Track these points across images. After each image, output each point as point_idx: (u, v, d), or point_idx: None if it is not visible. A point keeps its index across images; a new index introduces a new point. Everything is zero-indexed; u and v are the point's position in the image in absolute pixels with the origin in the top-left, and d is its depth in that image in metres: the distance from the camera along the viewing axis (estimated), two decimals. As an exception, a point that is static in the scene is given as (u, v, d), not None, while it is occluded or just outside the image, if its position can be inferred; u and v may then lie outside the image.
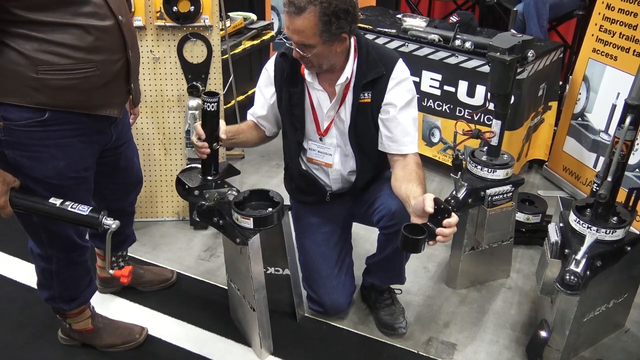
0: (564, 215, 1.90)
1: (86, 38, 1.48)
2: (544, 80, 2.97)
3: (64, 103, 1.51)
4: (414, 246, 1.49)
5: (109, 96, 1.60)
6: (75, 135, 1.57)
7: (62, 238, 1.70)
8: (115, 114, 1.65)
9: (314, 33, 1.65)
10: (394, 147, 1.86)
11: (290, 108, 1.90)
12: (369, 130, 1.88)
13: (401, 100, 1.84)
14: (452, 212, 1.49)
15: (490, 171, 2.07)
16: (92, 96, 1.54)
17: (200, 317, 2.16)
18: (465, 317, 2.20)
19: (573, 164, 3.03)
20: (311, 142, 1.97)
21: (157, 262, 2.47)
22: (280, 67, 1.89)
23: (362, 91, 1.83)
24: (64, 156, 1.57)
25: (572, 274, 1.66)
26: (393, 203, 1.83)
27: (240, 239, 1.77)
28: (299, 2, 1.62)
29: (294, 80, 1.88)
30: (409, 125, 1.86)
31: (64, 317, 1.90)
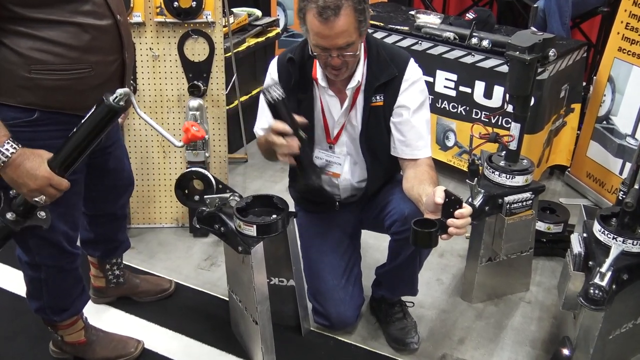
0: (588, 224, 1.89)
1: (82, 37, 1.49)
2: (566, 81, 2.96)
3: (54, 104, 1.52)
4: (424, 240, 1.48)
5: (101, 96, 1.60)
6: (65, 137, 1.57)
7: (51, 244, 1.70)
8: None
9: (354, 27, 1.65)
10: (408, 152, 1.86)
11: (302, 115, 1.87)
12: (381, 134, 1.89)
13: (414, 102, 1.84)
14: (463, 202, 1.49)
15: (508, 177, 2.07)
16: (85, 97, 1.55)
17: (200, 330, 2.16)
18: (481, 333, 2.19)
19: (597, 170, 3.01)
20: (319, 151, 1.96)
21: (154, 271, 2.47)
22: (287, 73, 1.88)
23: (374, 94, 1.83)
24: None
25: (597, 287, 1.65)
26: (405, 206, 1.83)
27: (242, 248, 1.77)
28: (333, 1, 1.59)
29: (303, 85, 1.87)
30: (423, 128, 1.86)
31: (55, 328, 1.90)
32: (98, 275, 2.19)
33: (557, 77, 2.83)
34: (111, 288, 2.23)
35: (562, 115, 3.11)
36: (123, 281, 2.24)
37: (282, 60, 1.90)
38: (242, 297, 1.95)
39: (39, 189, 1.45)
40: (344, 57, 1.69)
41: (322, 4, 1.59)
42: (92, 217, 2.00)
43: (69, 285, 1.83)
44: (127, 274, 2.26)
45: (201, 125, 2.55)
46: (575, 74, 3.03)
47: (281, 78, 1.89)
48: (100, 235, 2.06)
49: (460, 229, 1.49)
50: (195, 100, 2.56)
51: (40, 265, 1.73)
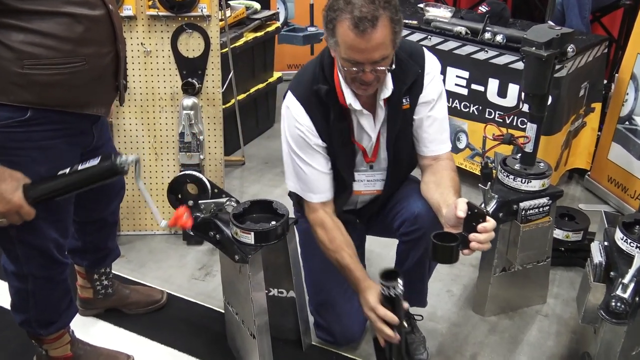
0: (609, 232, 1.88)
1: (76, 28, 1.50)
2: (586, 78, 2.96)
3: (50, 101, 1.53)
4: (445, 254, 1.49)
5: (97, 93, 1.63)
6: (59, 137, 1.59)
7: (41, 253, 1.70)
8: (102, 113, 1.68)
9: (390, 39, 1.61)
10: (432, 148, 1.88)
11: (343, 147, 1.84)
12: (408, 138, 1.89)
13: (435, 94, 1.85)
14: (487, 215, 1.49)
15: (524, 182, 2.06)
16: (80, 93, 1.57)
17: (193, 344, 2.15)
18: (495, 348, 2.18)
19: (619, 174, 3.00)
20: (358, 174, 1.94)
21: (144, 281, 2.47)
22: (319, 109, 1.79)
23: (403, 98, 1.82)
24: (46, 160, 1.58)
25: (619, 300, 1.64)
26: (416, 205, 1.83)
27: (239, 256, 1.77)
28: (369, 12, 1.54)
29: (339, 115, 1.80)
30: (444, 120, 1.89)
31: (40, 342, 1.90)
32: (85, 286, 2.19)
33: (576, 75, 2.83)
34: (99, 299, 2.23)
35: (581, 115, 3.10)
36: (112, 292, 2.24)
37: (308, 96, 1.79)
38: (239, 309, 1.95)
39: (4, 212, 1.49)
40: (376, 72, 1.66)
41: (358, 14, 1.54)
42: (81, 224, 2.00)
43: (57, 297, 1.83)
44: (116, 285, 2.26)
45: (196, 126, 2.56)
46: (595, 71, 3.03)
47: (314, 118, 1.79)
48: (89, 243, 2.06)
49: (483, 244, 1.49)
50: (190, 99, 2.56)
51: (27, 275, 1.73)
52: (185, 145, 2.58)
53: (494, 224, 1.50)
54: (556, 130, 2.83)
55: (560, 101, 2.74)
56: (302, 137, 1.81)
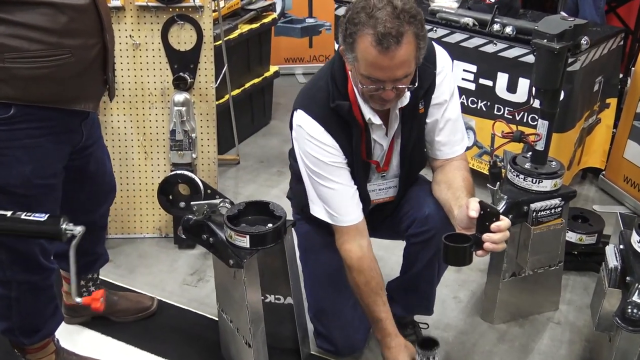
0: (625, 235, 1.89)
1: (59, 19, 1.51)
2: (601, 72, 2.97)
3: (34, 97, 1.54)
4: (457, 256, 1.50)
5: (85, 87, 1.63)
6: (44, 135, 1.60)
7: (25, 258, 1.71)
8: (90, 108, 1.68)
9: (414, 56, 1.61)
10: (446, 151, 1.88)
11: (361, 162, 1.84)
12: (420, 141, 1.90)
13: (447, 94, 1.85)
14: (500, 214, 1.50)
15: (535, 182, 2.07)
16: (66, 87, 1.57)
17: (185, 354, 2.16)
18: (504, 357, 2.19)
19: (636, 173, 3.01)
20: (371, 185, 1.94)
21: (134, 287, 2.48)
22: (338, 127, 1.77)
23: (419, 102, 1.81)
24: (31, 159, 1.59)
25: (635, 306, 1.65)
26: (426, 205, 1.84)
27: (234, 261, 1.78)
28: (394, 27, 1.52)
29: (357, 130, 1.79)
30: (458, 120, 1.88)
31: (24, 352, 1.91)
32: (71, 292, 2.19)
33: (590, 69, 2.84)
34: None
35: (595, 112, 3.11)
36: (99, 299, 2.24)
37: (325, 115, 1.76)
38: (234, 316, 1.95)
39: None
40: (397, 90, 1.64)
41: (383, 30, 1.52)
42: None
43: (42, 304, 1.84)
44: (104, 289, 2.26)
45: (187, 123, 2.56)
46: (610, 65, 3.03)
47: (335, 136, 1.77)
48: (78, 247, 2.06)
49: (497, 244, 1.49)
50: (181, 95, 2.57)
51: (11, 281, 1.74)
52: (176, 143, 2.59)
53: (509, 223, 1.51)
54: (569, 127, 2.84)
55: (573, 96, 2.75)
56: (324, 157, 1.78)
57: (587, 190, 3.25)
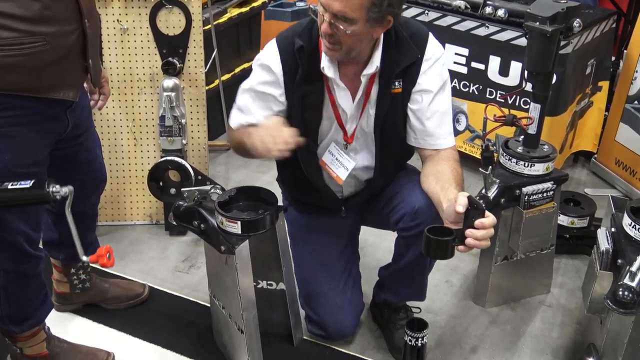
0: (617, 218, 1.90)
1: (32, 6, 1.48)
2: (593, 55, 2.97)
3: (7, 85, 1.51)
4: (438, 249, 1.50)
5: (62, 76, 1.60)
6: (23, 123, 1.57)
7: (10, 246, 1.70)
8: (70, 97, 1.65)
9: (361, 5, 1.60)
10: (430, 142, 1.86)
11: (302, 112, 1.84)
12: (397, 124, 1.88)
13: (435, 85, 1.83)
14: (485, 211, 1.49)
15: (527, 165, 2.07)
16: (42, 76, 1.55)
17: (178, 341, 2.16)
18: (496, 340, 2.20)
19: (627, 156, 3.02)
20: (334, 146, 1.93)
21: (125, 274, 2.48)
22: (293, 65, 1.80)
23: (394, 80, 1.81)
24: (9, 148, 1.57)
25: (626, 289, 1.66)
26: (416, 199, 1.83)
27: (225, 247, 1.77)
28: None
29: (310, 77, 1.81)
30: (446, 114, 1.87)
31: (14, 340, 1.91)
32: (61, 280, 2.19)
33: (583, 51, 2.84)
34: (76, 294, 2.23)
35: (587, 95, 3.11)
36: (89, 286, 2.24)
37: (288, 48, 1.79)
38: (226, 302, 1.96)
39: None
40: (336, 30, 1.65)
41: None
42: (58, 216, 1.99)
43: (31, 292, 1.84)
44: (94, 278, 2.27)
45: (177, 108, 2.55)
46: (603, 48, 3.03)
47: (286, 71, 1.80)
48: (67, 236, 2.04)
49: (479, 240, 1.49)
50: (170, 80, 2.55)
51: None
52: (166, 129, 2.57)
53: (493, 221, 1.50)
54: (561, 111, 2.84)
55: (565, 80, 2.75)
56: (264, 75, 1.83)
57: (579, 173, 3.26)
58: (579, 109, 3.08)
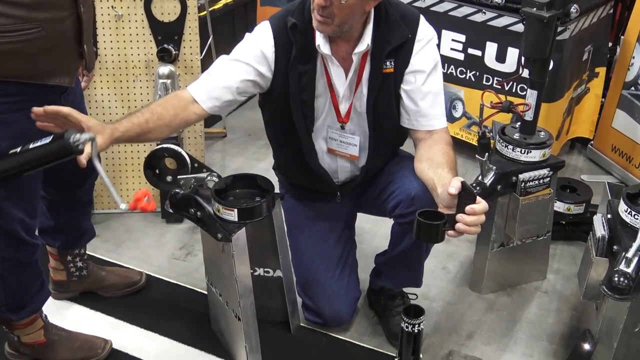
0: (613, 204, 1.90)
1: None
2: (590, 41, 2.96)
3: (6, 72, 1.51)
4: (428, 233, 1.50)
5: (58, 61, 1.61)
6: (19, 110, 1.57)
7: (7, 234, 1.70)
8: (66, 83, 1.65)
9: None
10: (423, 123, 1.86)
11: (300, 92, 1.83)
12: (390, 105, 1.88)
13: (428, 65, 1.84)
14: (476, 196, 1.49)
15: (523, 152, 2.07)
16: (39, 62, 1.54)
17: (175, 328, 2.17)
18: (492, 326, 2.22)
19: (624, 143, 3.02)
20: (331, 131, 1.94)
21: (122, 262, 2.48)
22: (287, 44, 1.79)
23: (385, 60, 1.81)
24: (7, 135, 1.57)
25: (622, 275, 1.67)
26: (412, 186, 1.84)
27: (222, 234, 1.77)
28: None
29: (305, 56, 1.81)
30: (439, 95, 1.88)
31: (11, 328, 1.91)
32: (58, 268, 2.19)
33: (580, 37, 2.83)
34: (73, 282, 2.23)
35: (584, 81, 3.11)
36: (86, 274, 2.24)
37: (280, 27, 1.79)
38: (223, 290, 1.96)
39: None
40: (330, 1, 1.65)
41: None
42: (53, 203, 1.99)
43: (28, 280, 1.84)
44: (91, 266, 2.27)
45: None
46: (600, 34, 3.03)
47: (279, 50, 1.79)
48: (62, 223, 2.06)
49: (470, 226, 1.49)
50: (166, 67, 2.53)
51: None
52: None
53: (484, 207, 1.50)
54: (558, 97, 2.84)
55: (562, 66, 2.74)
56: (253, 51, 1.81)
57: (575, 160, 3.27)
58: (576, 95, 3.07)
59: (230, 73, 1.82)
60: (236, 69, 1.82)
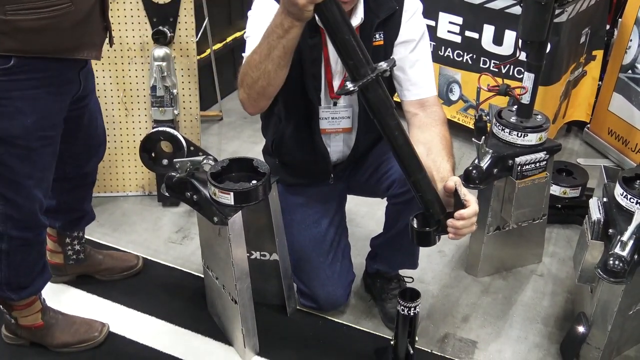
0: (609, 188, 1.90)
1: None
2: (588, 24, 2.95)
3: (36, 48, 1.54)
4: (419, 239, 1.58)
5: (86, 36, 1.64)
6: (44, 86, 1.60)
7: (25, 213, 1.72)
8: (93, 57, 1.70)
9: None
10: (414, 92, 1.86)
11: (312, 65, 1.83)
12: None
13: (416, 35, 1.85)
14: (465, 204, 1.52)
15: (520, 135, 2.07)
16: (68, 37, 1.58)
17: (172, 311, 2.18)
18: (488, 309, 2.23)
19: (620, 126, 3.02)
20: (323, 111, 1.93)
21: (118, 245, 2.48)
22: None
23: (374, 33, 1.82)
24: (32, 111, 1.60)
25: (617, 258, 1.67)
26: None
27: (218, 218, 1.77)
28: None
29: (311, 29, 1.77)
30: (427, 63, 1.88)
31: (10, 309, 1.91)
32: (56, 250, 2.19)
33: (577, 20, 2.82)
34: (70, 265, 2.23)
35: (581, 64, 3.10)
36: (84, 257, 2.24)
37: None
38: (219, 273, 1.96)
39: None
40: None
41: None
42: (58, 181, 1.98)
43: (32, 261, 1.85)
44: (88, 250, 2.27)
45: (168, 78, 2.52)
46: (597, 16, 3.01)
47: None
48: (64, 203, 2.06)
49: (461, 229, 1.52)
50: (161, 49, 2.51)
51: (3, 234, 1.74)
52: (157, 99, 2.55)
53: (473, 212, 1.52)
54: (555, 80, 2.83)
55: (559, 49, 2.73)
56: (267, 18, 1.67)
57: (571, 143, 3.27)
58: (573, 78, 3.07)
59: None
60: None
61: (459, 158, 3.02)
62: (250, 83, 1.65)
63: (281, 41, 1.51)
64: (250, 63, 1.63)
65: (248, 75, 1.64)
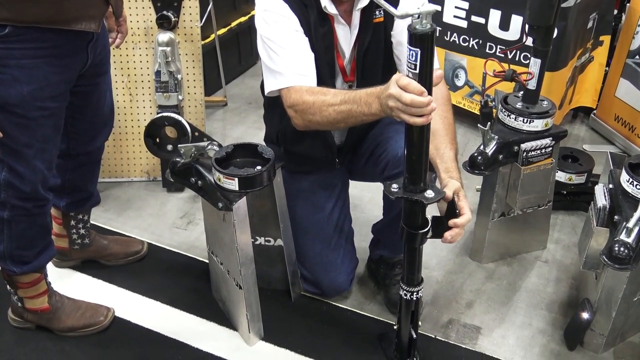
0: (615, 174, 1.90)
1: None
2: (595, 9, 2.92)
3: (32, 17, 1.53)
4: (408, 239, 1.61)
5: (84, 7, 1.62)
6: (42, 56, 1.60)
7: (25, 181, 1.72)
8: (92, 29, 1.67)
9: None
10: None
11: (325, 54, 1.83)
12: (379, 56, 1.88)
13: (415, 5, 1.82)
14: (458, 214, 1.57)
15: (526, 121, 2.06)
16: (65, 7, 1.57)
17: (176, 296, 2.19)
18: (492, 295, 2.23)
19: (627, 112, 3.01)
20: None
21: (123, 230, 2.49)
22: (301, 7, 1.77)
23: (374, 10, 1.81)
24: (29, 80, 1.60)
25: (622, 245, 1.67)
26: (397, 145, 1.84)
27: (223, 204, 1.77)
28: None
29: (321, 18, 1.79)
30: None
31: (15, 286, 1.92)
32: (61, 234, 2.20)
33: (585, 5, 2.79)
34: (75, 250, 2.24)
35: (588, 50, 3.08)
36: (89, 242, 2.25)
37: None
38: (224, 258, 1.97)
39: None
40: None
41: None
42: (63, 157, 1.98)
43: (34, 234, 1.85)
44: (93, 235, 2.28)
45: (173, 63, 2.51)
46: (605, 1, 2.99)
47: (298, 12, 1.77)
48: (69, 181, 2.06)
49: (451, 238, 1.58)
50: (165, 34, 2.51)
51: (5, 202, 1.75)
52: (162, 85, 2.54)
53: (465, 221, 1.56)
54: (561, 66, 2.81)
55: (566, 34, 2.71)
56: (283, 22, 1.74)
57: (577, 129, 3.25)
58: (580, 64, 3.05)
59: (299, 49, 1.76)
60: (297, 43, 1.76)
61: (464, 144, 3.01)
62: (310, 119, 1.71)
63: (363, 117, 1.60)
64: (322, 109, 1.68)
65: (313, 114, 1.70)
